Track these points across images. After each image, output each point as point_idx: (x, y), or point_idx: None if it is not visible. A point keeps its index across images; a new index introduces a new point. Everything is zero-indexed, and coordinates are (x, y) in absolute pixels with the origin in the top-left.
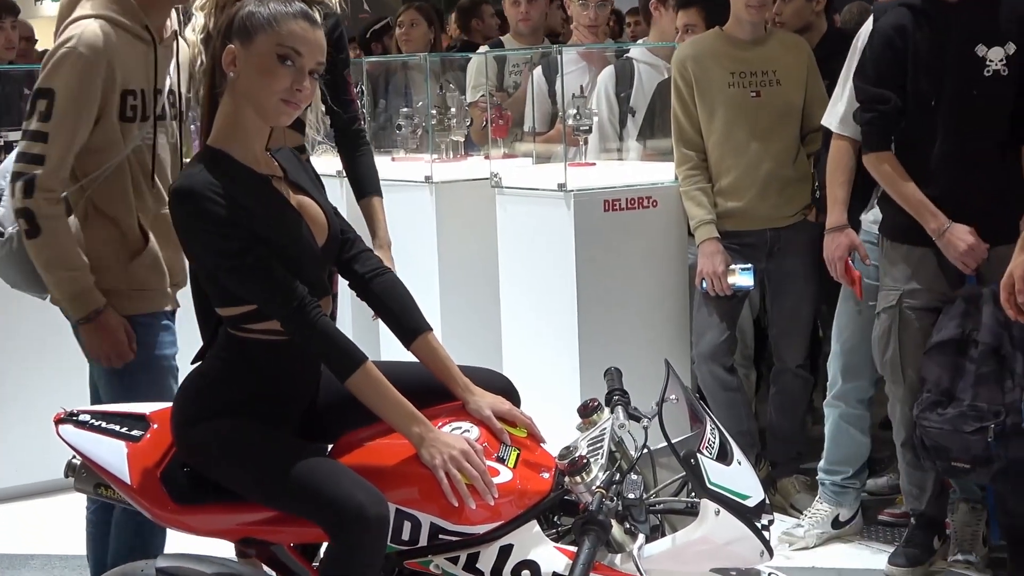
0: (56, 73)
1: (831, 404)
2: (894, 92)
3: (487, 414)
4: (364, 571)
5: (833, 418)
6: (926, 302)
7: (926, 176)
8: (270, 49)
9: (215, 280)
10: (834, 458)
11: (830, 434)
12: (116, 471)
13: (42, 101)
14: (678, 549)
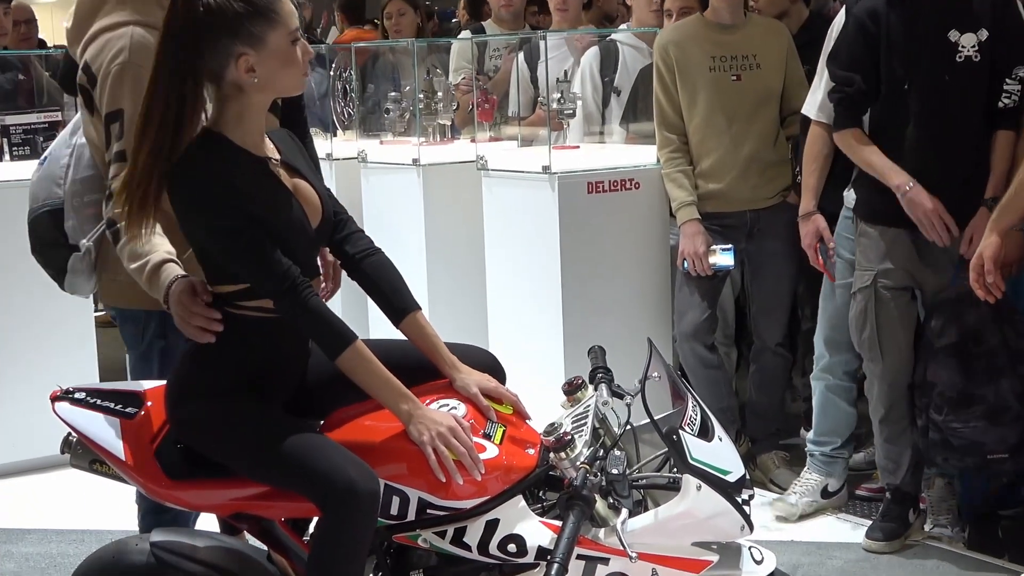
0: (120, 93)
1: (818, 377)
2: (865, 76)
3: (474, 391)
4: (354, 545)
5: (820, 390)
6: (901, 282)
7: (899, 159)
8: (285, 42)
9: (209, 258)
10: (822, 429)
11: (818, 406)
12: (111, 447)
13: (115, 124)
14: (661, 523)
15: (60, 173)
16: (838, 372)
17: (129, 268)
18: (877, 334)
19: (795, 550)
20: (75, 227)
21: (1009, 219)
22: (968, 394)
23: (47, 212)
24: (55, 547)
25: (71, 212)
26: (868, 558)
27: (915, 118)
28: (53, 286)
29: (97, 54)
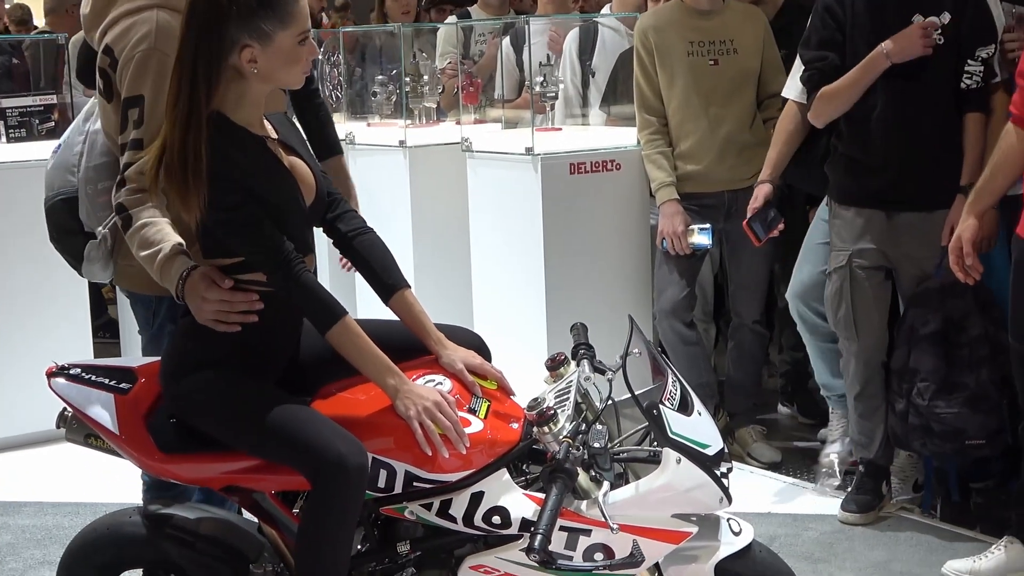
0: (143, 79)
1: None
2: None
3: (459, 367)
4: (343, 517)
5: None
6: (875, 262)
7: (868, 143)
8: (292, 43)
9: (206, 232)
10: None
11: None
12: (105, 422)
13: (134, 110)
14: (641, 496)
15: (74, 161)
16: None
17: (139, 255)
18: (852, 313)
19: (772, 522)
20: (89, 214)
21: (986, 202)
22: (951, 381)
23: (62, 200)
24: (51, 519)
25: (85, 199)
26: (843, 529)
27: (882, 101)
28: (48, 265)
29: (120, 37)
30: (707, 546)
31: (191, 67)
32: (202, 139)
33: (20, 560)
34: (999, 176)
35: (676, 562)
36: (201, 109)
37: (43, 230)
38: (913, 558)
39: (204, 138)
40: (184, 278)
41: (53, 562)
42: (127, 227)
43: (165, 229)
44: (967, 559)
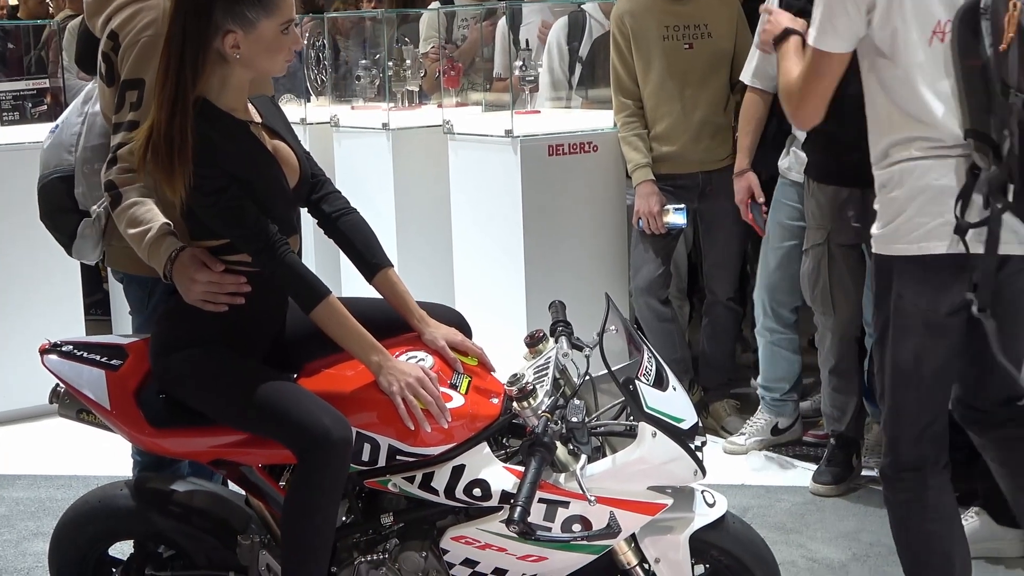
0: (145, 63)
1: (761, 333)
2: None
3: (441, 344)
4: (328, 490)
5: (764, 343)
6: (851, 240)
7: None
8: (275, 32)
9: (192, 216)
10: (771, 376)
11: (764, 358)
12: (96, 397)
13: (132, 92)
14: (618, 469)
15: (71, 141)
16: (779, 327)
17: (127, 233)
18: (829, 289)
19: (746, 493)
20: (85, 194)
21: None
22: None
23: (58, 178)
24: (44, 492)
25: (81, 179)
26: (814, 500)
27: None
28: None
29: (126, 22)
30: (682, 517)
31: (179, 50)
32: (188, 122)
33: (14, 531)
34: None
35: (652, 533)
36: (187, 92)
37: (37, 210)
38: (882, 528)
39: (190, 121)
40: (173, 258)
41: (46, 533)
42: (116, 205)
43: (154, 209)
44: None
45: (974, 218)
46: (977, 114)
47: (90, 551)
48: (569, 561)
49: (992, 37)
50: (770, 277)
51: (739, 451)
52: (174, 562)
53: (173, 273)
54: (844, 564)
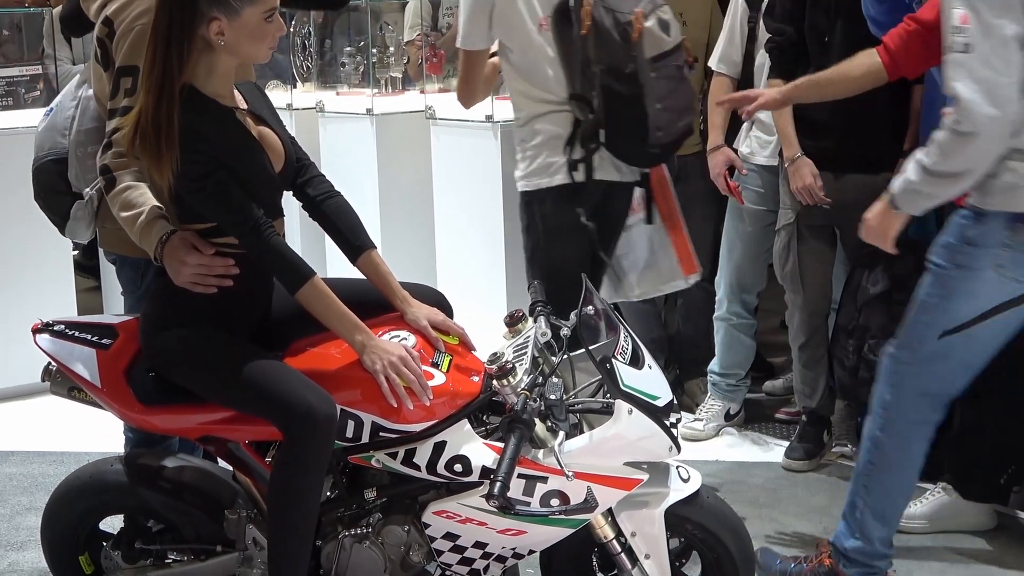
0: (139, 51)
1: (721, 318)
2: (797, 28)
3: (423, 324)
4: (313, 466)
5: (724, 329)
6: (821, 220)
7: (822, 106)
8: (258, 19)
9: (180, 200)
10: (727, 363)
11: (722, 343)
12: (88, 375)
13: (127, 78)
14: (595, 445)
15: (65, 124)
16: (741, 312)
17: (120, 216)
18: (799, 268)
19: (719, 469)
20: (78, 176)
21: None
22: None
23: (51, 161)
24: (36, 467)
25: (74, 162)
26: (786, 476)
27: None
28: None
29: (121, 9)
30: (657, 492)
31: (165, 37)
32: (175, 108)
33: (7, 506)
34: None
35: (628, 507)
36: (174, 78)
37: (30, 193)
38: None
39: (176, 107)
40: (163, 241)
41: (39, 508)
42: (110, 188)
43: (147, 193)
44: None
45: (578, 156)
46: (575, 81)
47: (81, 525)
48: (547, 535)
49: (577, 26)
50: (736, 263)
51: (700, 437)
52: (163, 536)
53: (163, 255)
54: (816, 537)
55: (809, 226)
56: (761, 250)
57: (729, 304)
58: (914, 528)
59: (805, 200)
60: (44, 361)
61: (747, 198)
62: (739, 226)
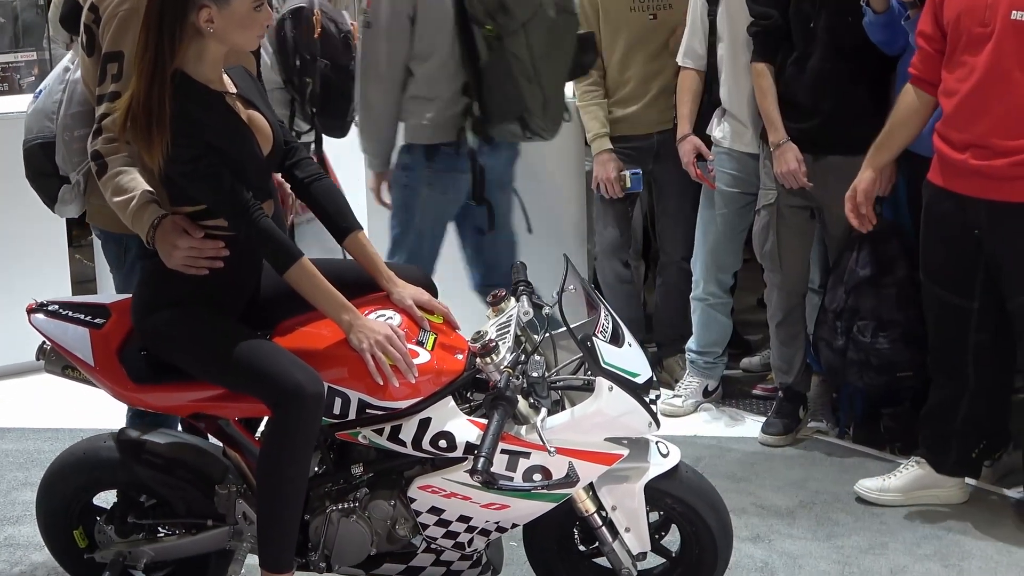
0: (123, 37)
1: (698, 298)
2: (782, 12)
3: (409, 303)
4: (301, 442)
5: (701, 309)
6: (802, 201)
7: (802, 87)
8: (247, 8)
9: (170, 182)
10: (704, 341)
11: (699, 322)
12: (81, 354)
13: (113, 64)
14: (576, 421)
15: (53, 108)
16: (717, 291)
17: (112, 201)
18: (778, 247)
19: (698, 444)
20: (65, 159)
21: (884, 157)
22: (886, 320)
23: (39, 144)
24: (32, 444)
25: (61, 145)
26: (763, 451)
27: (820, 53)
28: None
29: None
30: (637, 467)
31: (157, 23)
32: (166, 93)
33: (3, 482)
34: (896, 133)
35: (609, 482)
36: (166, 64)
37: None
38: (828, 477)
39: (168, 92)
40: (155, 225)
41: (34, 484)
42: (102, 173)
43: (138, 178)
44: (877, 478)
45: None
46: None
47: (75, 500)
48: (530, 509)
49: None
50: (712, 244)
51: (679, 413)
52: (155, 510)
53: (155, 239)
54: (792, 510)
55: (789, 206)
56: (735, 232)
57: (705, 284)
58: (888, 501)
59: (788, 184)
60: (39, 340)
61: (720, 181)
62: (712, 209)
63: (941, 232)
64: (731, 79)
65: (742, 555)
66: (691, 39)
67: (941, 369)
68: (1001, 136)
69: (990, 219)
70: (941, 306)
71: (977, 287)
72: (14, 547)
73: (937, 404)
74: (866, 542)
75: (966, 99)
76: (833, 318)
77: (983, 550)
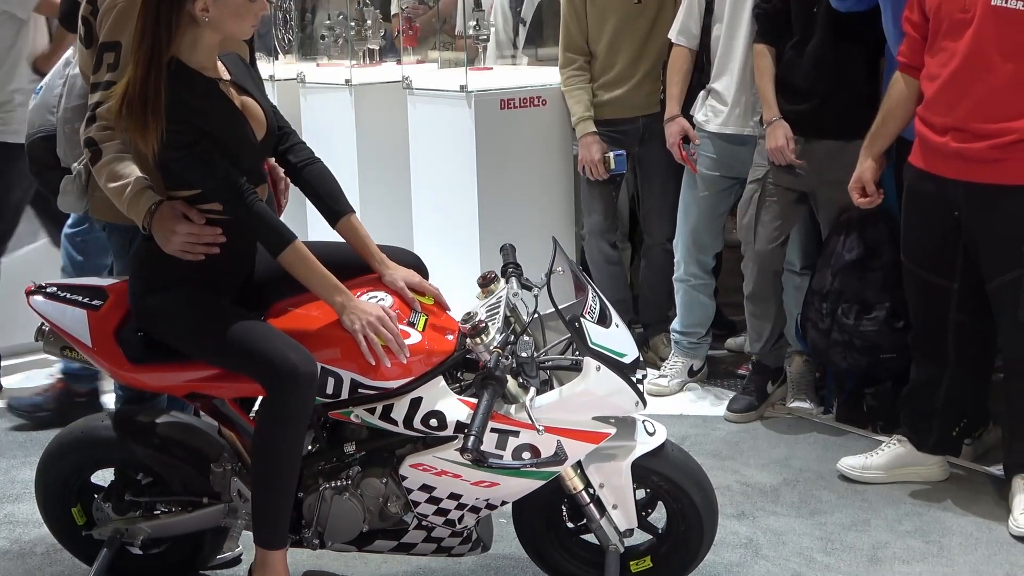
0: (121, 27)
1: (681, 279)
2: None
3: (400, 285)
4: (295, 421)
5: (684, 290)
6: (789, 184)
7: (799, 70)
8: None
9: (166, 168)
10: (687, 322)
11: (682, 303)
12: (79, 335)
13: (109, 53)
14: (564, 400)
15: (53, 102)
16: (699, 272)
17: (107, 187)
18: (755, 221)
19: (684, 423)
20: (66, 151)
21: (880, 145)
22: (870, 302)
23: (41, 138)
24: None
25: (62, 137)
26: (747, 429)
27: (818, 38)
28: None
29: None
30: (624, 445)
31: (154, 12)
32: (162, 80)
33: (3, 460)
34: (890, 121)
35: (596, 460)
36: (162, 52)
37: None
38: (811, 455)
39: (164, 79)
40: (152, 211)
41: (33, 463)
42: (96, 160)
43: (131, 164)
44: (860, 456)
45: None
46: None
47: (74, 478)
48: (519, 486)
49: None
50: (692, 226)
51: (665, 392)
52: (152, 488)
53: (152, 225)
54: (775, 488)
55: (776, 185)
56: (715, 214)
57: (686, 266)
58: (870, 479)
59: (777, 160)
60: (38, 322)
61: (701, 164)
62: (694, 191)
63: (922, 213)
64: (724, 60)
65: (727, 531)
66: (687, 18)
67: (922, 349)
68: (980, 120)
69: (968, 201)
70: (922, 286)
71: (957, 268)
72: (14, 524)
73: (918, 384)
74: (848, 519)
75: (947, 84)
76: (819, 300)
77: (963, 526)
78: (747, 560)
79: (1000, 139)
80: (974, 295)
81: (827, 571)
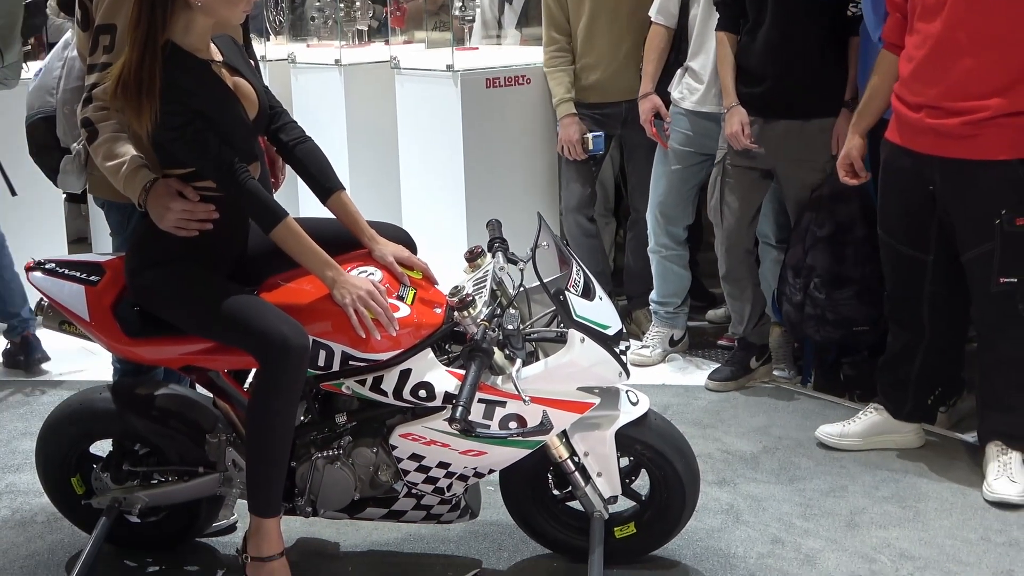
0: (117, 10)
1: (654, 250)
2: None
3: (389, 260)
4: (287, 392)
5: (657, 261)
6: (750, 163)
7: (753, 53)
8: None
9: (161, 147)
10: (663, 292)
11: (657, 274)
12: (77, 310)
13: (105, 36)
14: (550, 371)
15: (53, 84)
16: (670, 243)
17: (103, 166)
18: (720, 203)
19: (666, 392)
20: (65, 131)
21: (867, 122)
22: (842, 277)
23: (41, 119)
24: (31, 395)
25: (62, 118)
26: (728, 398)
27: (770, 19)
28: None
29: None
30: (608, 415)
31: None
32: (157, 62)
33: (4, 431)
34: (877, 98)
35: (581, 429)
36: (157, 35)
37: (23, 143)
38: (790, 423)
39: (159, 61)
40: (148, 188)
41: (33, 433)
42: (92, 139)
43: (127, 144)
44: (837, 424)
45: None
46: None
47: (73, 449)
48: (506, 455)
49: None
50: (661, 197)
51: (648, 362)
52: (149, 459)
53: (148, 202)
54: (755, 455)
55: (735, 166)
56: (686, 187)
57: (657, 236)
58: (848, 446)
59: (734, 145)
60: (37, 297)
61: (674, 139)
62: (665, 165)
63: (898, 188)
64: (700, 40)
65: (708, 498)
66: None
67: (898, 320)
68: (953, 99)
69: (943, 175)
70: (898, 259)
71: (932, 241)
72: (15, 494)
73: (894, 354)
74: (827, 485)
75: (921, 65)
76: (792, 275)
77: (938, 492)
78: (728, 526)
79: (973, 116)
80: (949, 267)
81: (806, 536)
